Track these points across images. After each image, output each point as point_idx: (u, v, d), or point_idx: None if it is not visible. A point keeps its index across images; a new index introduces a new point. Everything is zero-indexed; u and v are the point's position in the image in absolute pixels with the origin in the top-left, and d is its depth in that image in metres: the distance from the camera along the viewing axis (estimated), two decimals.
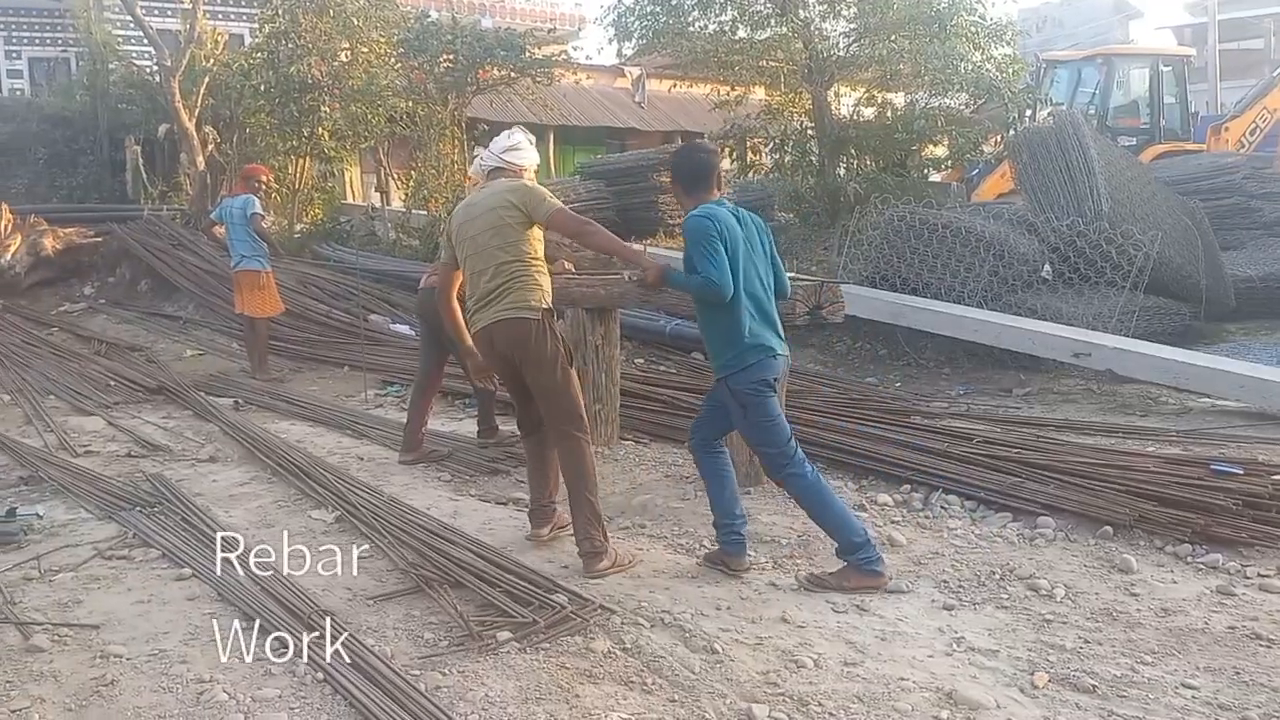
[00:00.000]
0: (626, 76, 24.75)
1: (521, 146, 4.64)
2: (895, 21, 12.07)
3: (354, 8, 14.86)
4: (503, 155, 4.60)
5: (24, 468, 6.01)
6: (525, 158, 4.63)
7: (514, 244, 4.42)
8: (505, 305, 4.39)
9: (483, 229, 4.44)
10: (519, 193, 4.44)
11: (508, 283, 4.40)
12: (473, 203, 4.55)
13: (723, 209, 4.22)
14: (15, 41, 23.50)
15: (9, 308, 12.66)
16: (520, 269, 4.41)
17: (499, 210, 4.42)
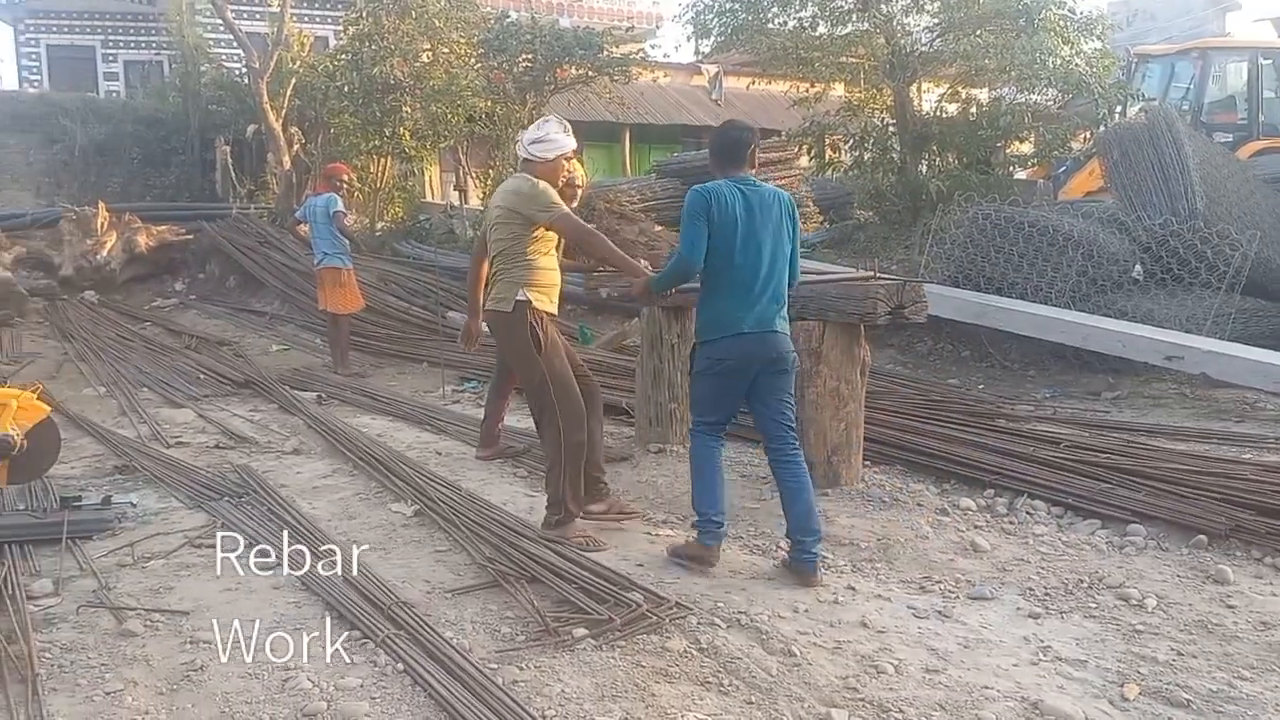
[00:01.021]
0: (703, 74, 24.67)
1: (549, 139, 4.71)
2: (981, 16, 11.84)
3: (436, 9, 15.07)
4: (529, 147, 4.73)
5: (119, 457, 6.19)
6: (553, 149, 4.72)
7: (506, 239, 4.68)
8: (491, 296, 4.75)
9: (490, 222, 4.81)
10: (520, 196, 4.63)
11: (496, 274, 4.73)
12: (506, 188, 4.77)
13: (726, 185, 4.23)
14: (112, 45, 24.30)
15: (105, 302, 13.11)
16: (507, 264, 4.68)
17: (502, 208, 4.71)
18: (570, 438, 4.61)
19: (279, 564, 4.24)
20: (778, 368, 4.24)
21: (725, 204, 4.17)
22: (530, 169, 4.72)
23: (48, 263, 13.66)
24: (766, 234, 4.20)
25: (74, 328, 11.41)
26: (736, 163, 4.32)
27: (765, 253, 4.20)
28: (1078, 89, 11.77)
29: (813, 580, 4.09)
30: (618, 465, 5.99)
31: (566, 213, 4.63)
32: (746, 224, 4.18)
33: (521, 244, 4.63)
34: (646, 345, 6.35)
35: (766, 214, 4.21)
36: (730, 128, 4.53)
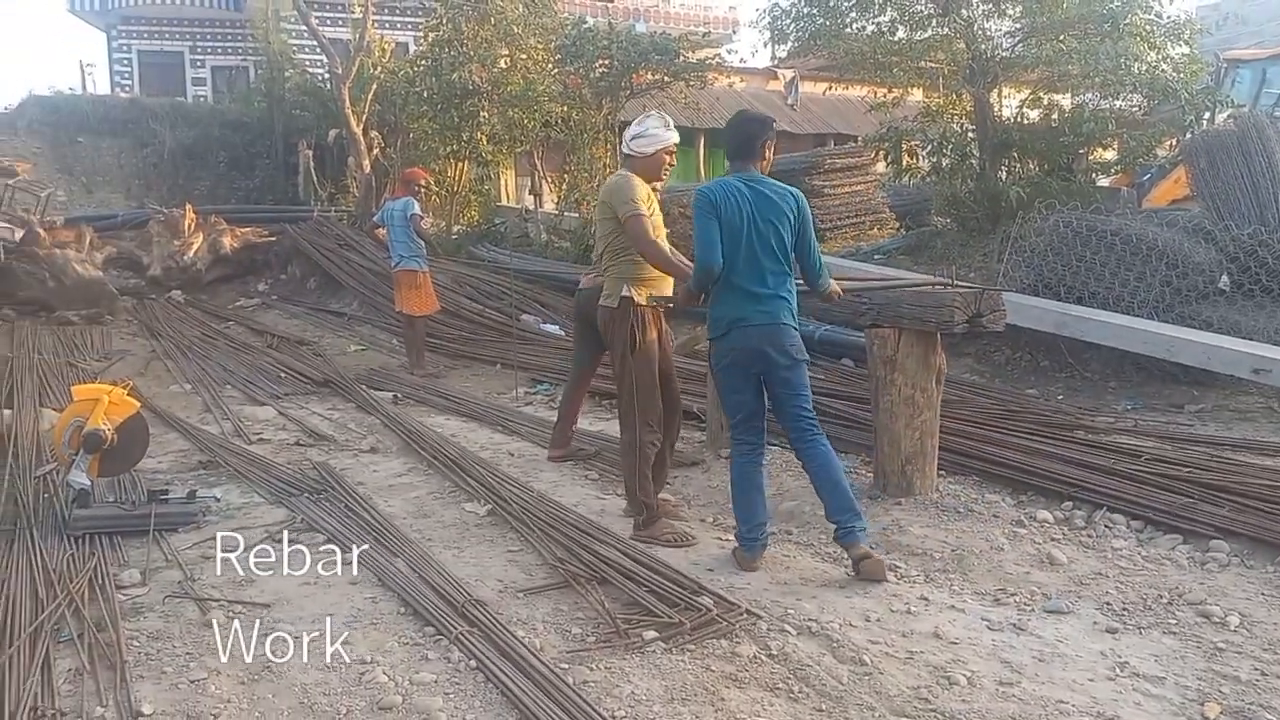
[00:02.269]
0: (779, 79, 24.61)
1: (648, 134, 4.74)
2: (1064, 21, 11.60)
3: (514, 15, 15.24)
4: (630, 143, 4.78)
5: (203, 453, 6.38)
6: (653, 144, 4.74)
7: (608, 235, 4.77)
8: (602, 294, 4.85)
9: (598, 216, 4.94)
10: (611, 191, 4.73)
11: (605, 270, 4.84)
12: (606, 184, 4.86)
13: (732, 182, 4.24)
14: (200, 51, 25.01)
15: (191, 302, 13.50)
16: (613, 260, 4.77)
17: (600, 204, 4.83)
18: (644, 438, 4.67)
19: (356, 559, 4.33)
20: (786, 360, 4.25)
21: (731, 202, 4.19)
22: (631, 165, 4.78)
23: (137, 263, 14.10)
24: (771, 231, 4.20)
25: (161, 326, 11.76)
26: (745, 156, 4.33)
27: (771, 250, 4.21)
28: (1164, 95, 11.47)
29: (862, 551, 4.12)
30: (689, 470, 6.01)
31: (637, 215, 4.63)
32: (752, 222, 4.18)
33: (621, 239, 4.71)
34: None
35: (772, 210, 4.21)
36: (742, 120, 4.51)
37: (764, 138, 4.37)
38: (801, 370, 4.33)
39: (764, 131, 4.41)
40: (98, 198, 18.08)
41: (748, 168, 4.31)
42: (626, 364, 4.70)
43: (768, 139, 4.38)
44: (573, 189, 15.05)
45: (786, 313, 4.27)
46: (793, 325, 4.30)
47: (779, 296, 4.25)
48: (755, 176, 4.29)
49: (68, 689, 3.19)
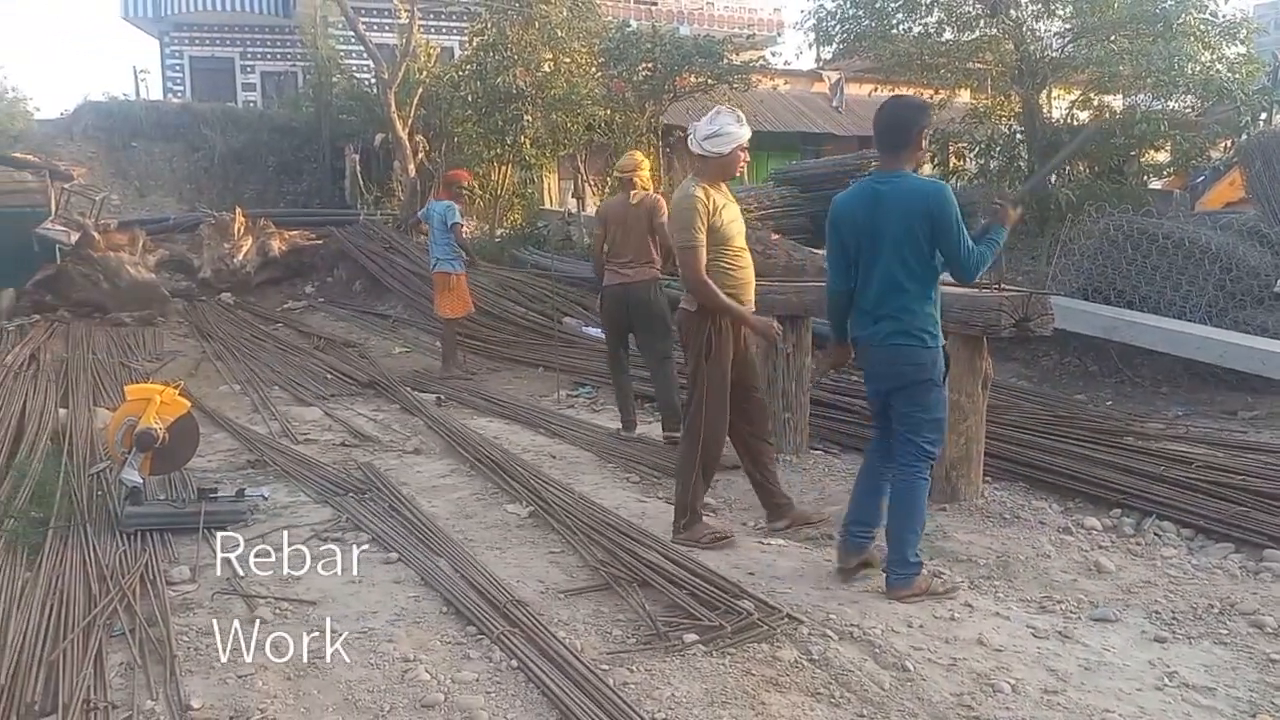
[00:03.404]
0: (824, 81, 24.49)
1: (723, 132, 4.53)
2: (1115, 21, 11.46)
3: (558, 19, 15.32)
4: (703, 144, 4.55)
5: (252, 452, 6.47)
6: (727, 143, 4.54)
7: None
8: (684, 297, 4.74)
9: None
10: (674, 214, 4.67)
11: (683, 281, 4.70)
12: (675, 195, 4.76)
13: (858, 190, 4.01)
14: (250, 57, 25.38)
15: (240, 304, 13.71)
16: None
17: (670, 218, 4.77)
18: (708, 448, 4.65)
19: (400, 559, 4.37)
20: (897, 383, 4.02)
21: (849, 216, 3.98)
22: (705, 166, 4.60)
23: (188, 265, 14.34)
24: (885, 243, 3.89)
25: (211, 328, 11.95)
26: (898, 147, 3.95)
27: (880, 263, 3.92)
28: (1218, 95, 11.28)
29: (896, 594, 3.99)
30: (731, 474, 5.99)
31: (689, 246, 4.49)
32: (869, 235, 3.92)
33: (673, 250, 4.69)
34: (761, 355, 6.32)
35: (891, 219, 3.87)
36: (894, 106, 4.12)
37: (920, 124, 3.96)
38: (908, 392, 4.00)
39: (921, 117, 4.01)
40: (150, 201, 18.42)
41: (896, 163, 3.96)
42: (700, 370, 4.63)
43: (924, 125, 3.99)
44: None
45: (899, 331, 3.95)
46: (906, 343, 3.95)
47: (891, 315, 3.95)
48: (890, 177, 3.95)
49: (119, 682, 3.25)
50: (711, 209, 4.53)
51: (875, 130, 4.07)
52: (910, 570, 3.99)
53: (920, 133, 3.95)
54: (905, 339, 3.94)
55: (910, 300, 3.92)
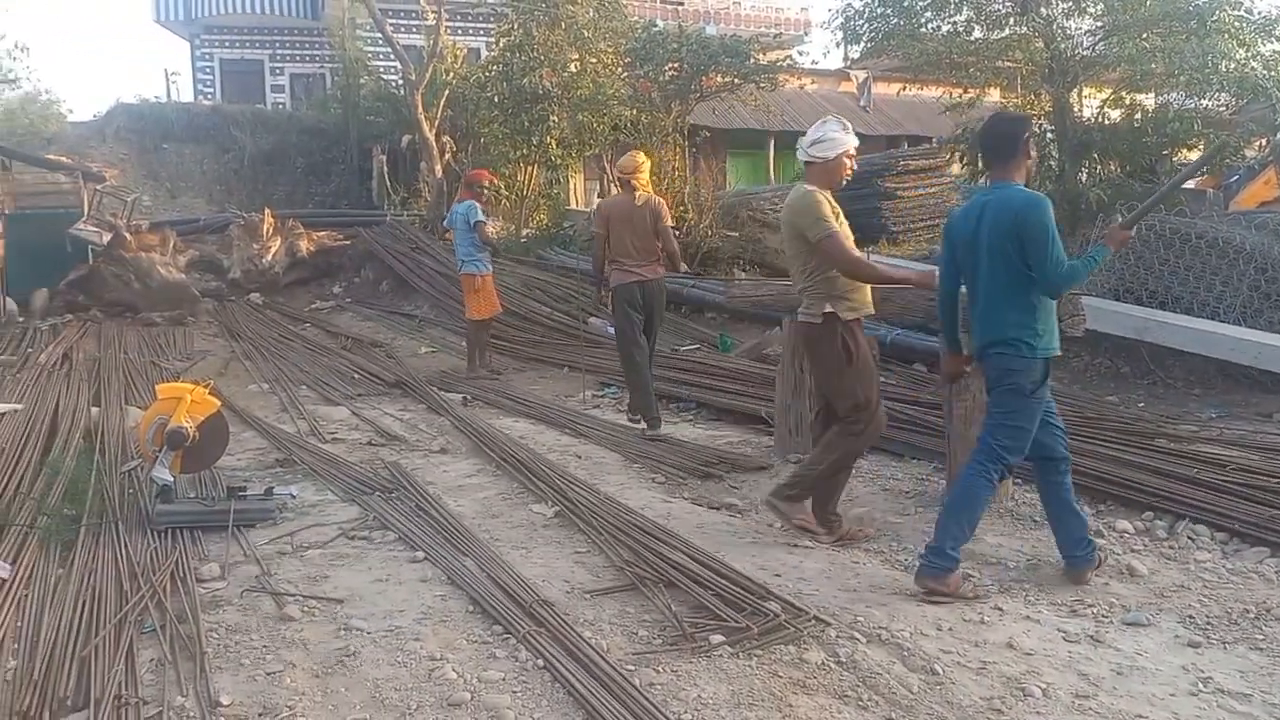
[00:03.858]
0: (851, 80, 24.40)
1: (828, 138, 4.62)
2: (1147, 18, 11.30)
3: (585, 20, 15.32)
4: (809, 149, 4.65)
5: (280, 451, 6.51)
6: (833, 148, 4.62)
7: (798, 256, 4.69)
8: (802, 307, 4.76)
9: (785, 235, 4.80)
10: (797, 211, 4.63)
11: (807, 287, 4.70)
12: (787, 203, 4.76)
13: (972, 202, 4.19)
14: (279, 59, 25.58)
15: (268, 304, 13.81)
16: (811, 280, 4.65)
17: (787, 225, 4.73)
18: (858, 447, 4.71)
19: (426, 558, 4.38)
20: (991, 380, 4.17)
21: (958, 228, 4.18)
22: (810, 172, 4.68)
23: (218, 266, 14.47)
24: (984, 253, 4.05)
25: (240, 327, 12.05)
26: (1006, 157, 4.13)
27: (981, 274, 4.09)
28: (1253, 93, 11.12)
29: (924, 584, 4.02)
30: (756, 474, 5.98)
31: (831, 235, 4.55)
32: (972, 247, 4.08)
33: (816, 259, 4.62)
34: (788, 355, 6.31)
35: (989, 230, 4.02)
36: (998, 120, 4.40)
37: (1024, 134, 4.17)
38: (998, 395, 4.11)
39: (1023, 128, 4.24)
40: (181, 202, 18.60)
41: (1004, 174, 4.11)
42: (844, 379, 4.64)
43: (1028, 135, 4.21)
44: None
45: (999, 340, 4.05)
46: (1002, 351, 4.04)
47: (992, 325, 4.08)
48: (996, 188, 4.11)
49: (150, 678, 3.27)
50: (832, 208, 4.64)
51: (981, 145, 4.38)
52: (945, 564, 4.01)
53: (1026, 142, 4.17)
54: (1002, 347, 4.06)
55: (1007, 310, 4.03)
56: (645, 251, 6.90)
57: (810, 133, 4.69)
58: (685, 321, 11.17)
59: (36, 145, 17.99)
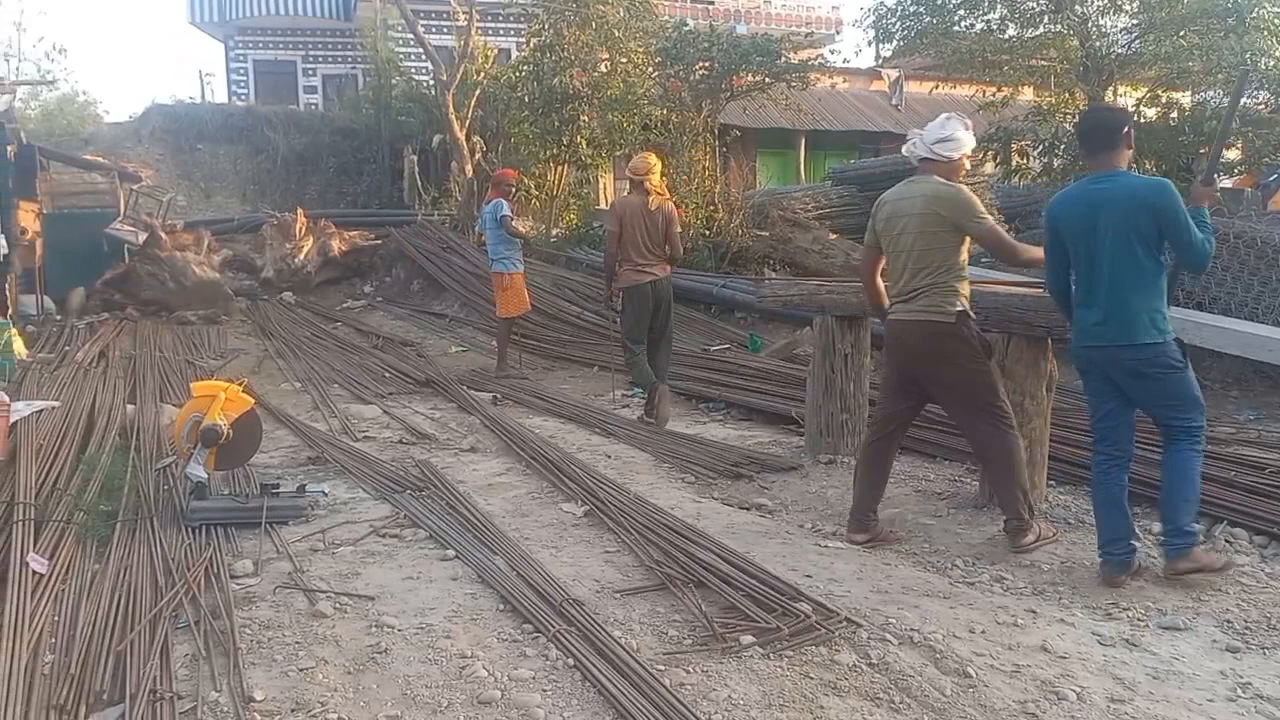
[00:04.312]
0: (883, 79, 24.25)
1: (954, 137, 4.60)
2: (1184, 16, 11.19)
3: (615, 19, 15.33)
4: (933, 147, 4.60)
5: (312, 449, 6.55)
6: (958, 148, 4.62)
7: (937, 250, 4.55)
8: (920, 306, 4.58)
9: (910, 229, 4.57)
10: (949, 204, 4.51)
11: (928, 286, 4.55)
12: (905, 196, 4.63)
13: (1074, 191, 4.18)
14: (311, 60, 25.76)
15: (301, 303, 13.92)
16: (938, 275, 4.55)
17: (928, 216, 4.53)
18: (1018, 440, 4.61)
19: (457, 556, 4.39)
20: (1137, 374, 4.14)
21: (1068, 218, 4.15)
22: (930, 169, 4.62)
23: (251, 265, 14.61)
24: (1109, 241, 4.02)
25: (273, 326, 12.16)
26: (1107, 148, 4.14)
27: (1105, 263, 4.05)
28: None
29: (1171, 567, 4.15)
30: (786, 475, 5.96)
31: (994, 225, 4.57)
32: (1092, 235, 4.05)
33: (954, 253, 4.56)
34: (819, 355, 6.28)
35: (1116, 217, 4.01)
36: (1097, 111, 4.45)
37: (1126, 124, 4.19)
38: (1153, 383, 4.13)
39: (1125, 118, 4.24)
40: (215, 202, 18.79)
41: (1111, 163, 4.12)
42: (987, 373, 4.60)
43: (1130, 125, 4.20)
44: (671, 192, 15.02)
45: (1132, 326, 4.06)
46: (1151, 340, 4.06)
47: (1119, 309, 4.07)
48: (1109, 176, 4.10)
49: (184, 673, 3.30)
50: None
51: (1082, 136, 4.32)
52: (1188, 539, 4.10)
53: (1128, 132, 4.16)
54: (1150, 335, 4.07)
55: (1141, 296, 4.05)
56: (659, 253, 7.31)
57: (933, 130, 4.62)
58: (715, 321, 11.16)
59: (74, 146, 18.22)
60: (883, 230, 4.71)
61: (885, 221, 4.69)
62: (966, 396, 4.62)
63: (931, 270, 4.54)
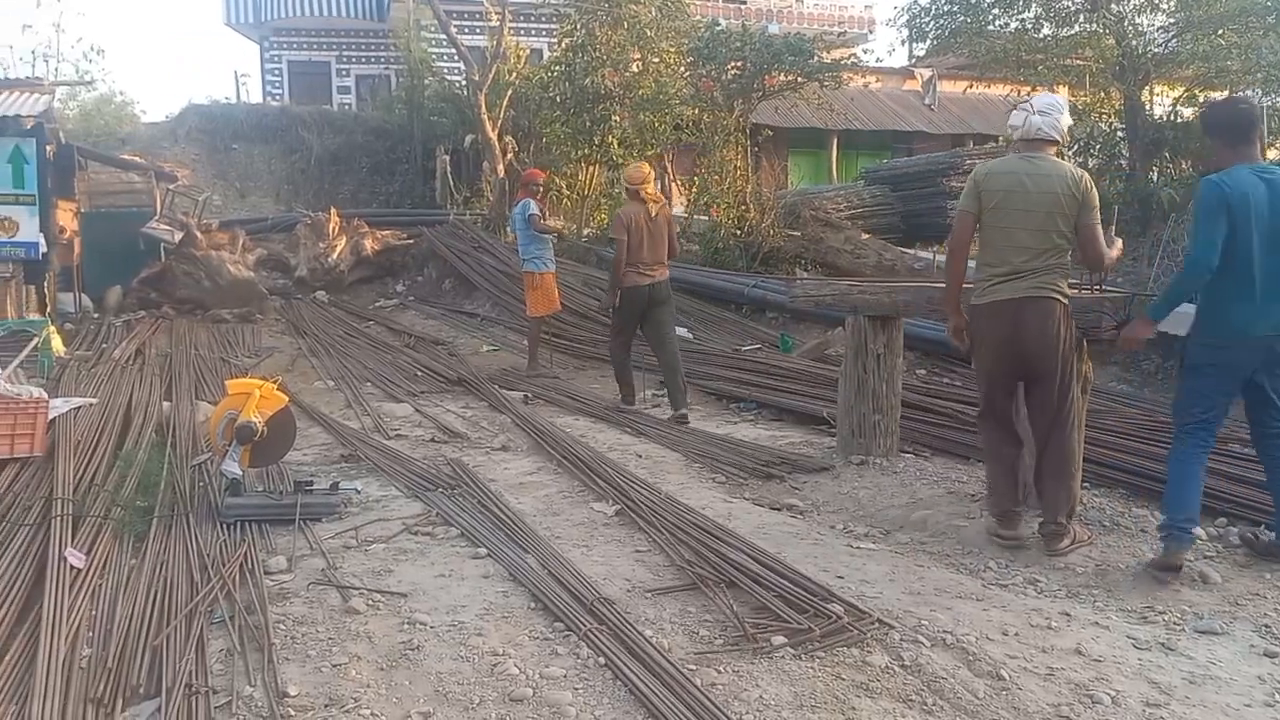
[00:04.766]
0: (916, 78, 24.11)
1: (1066, 112, 4.56)
2: (1223, 14, 11.05)
3: (647, 19, 15.33)
4: (1057, 123, 4.50)
5: (345, 447, 6.60)
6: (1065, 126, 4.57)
7: (1064, 232, 4.43)
8: (1038, 283, 4.43)
9: (1038, 205, 4.39)
10: (1086, 189, 4.42)
11: (1049, 264, 4.43)
12: (1033, 172, 4.43)
13: (1243, 173, 4.03)
14: (345, 60, 25.95)
15: (334, 302, 14.02)
16: (1060, 255, 4.46)
17: (1062, 195, 4.38)
18: (1079, 442, 4.60)
19: (488, 554, 4.41)
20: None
21: (1244, 202, 4.00)
22: (1049, 149, 4.52)
23: (285, 264, 14.72)
24: (1265, 232, 3.98)
25: (306, 325, 12.25)
26: (1242, 141, 4.09)
27: (1262, 253, 4.01)
28: None
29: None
30: (817, 475, 5.94)
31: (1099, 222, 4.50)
32: (1261, 219, 3.98)
33: (1069, 234, 4.48)
34: (851, 355, 6.25)
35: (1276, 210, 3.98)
36: (1234, 101, 4.39)
37: (1260, 123, 4.21)
38: None
39: (1256, 110, 4.24)
40: (250, 202, 18.96)
41: (1250, 154, 4.09)
42: (1070, 368, 4.55)
43: (1263, 124, 4.28)
44: (703, 191, 15.03)
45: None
46: None
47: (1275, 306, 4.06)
48: (1269, 168, 4.07)
49: (219, 668, 3.34)
50: None
51: (1222, 127, 4.20)
52: None
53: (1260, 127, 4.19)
54: None
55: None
56: (659, 256, 7.73)
57: (1049, 102, 4.54)
58: (746, 321, 11.14)
59: (111, 145, 18.45)
60: (999, 203, 4.45)
61: (1004, 194, 4.44)
62: (1054, 387, 4.52)
63: (1055, 252, 4.43)
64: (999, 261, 4.49)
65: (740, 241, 13.21)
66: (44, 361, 8.72)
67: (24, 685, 3.25)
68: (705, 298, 11.78)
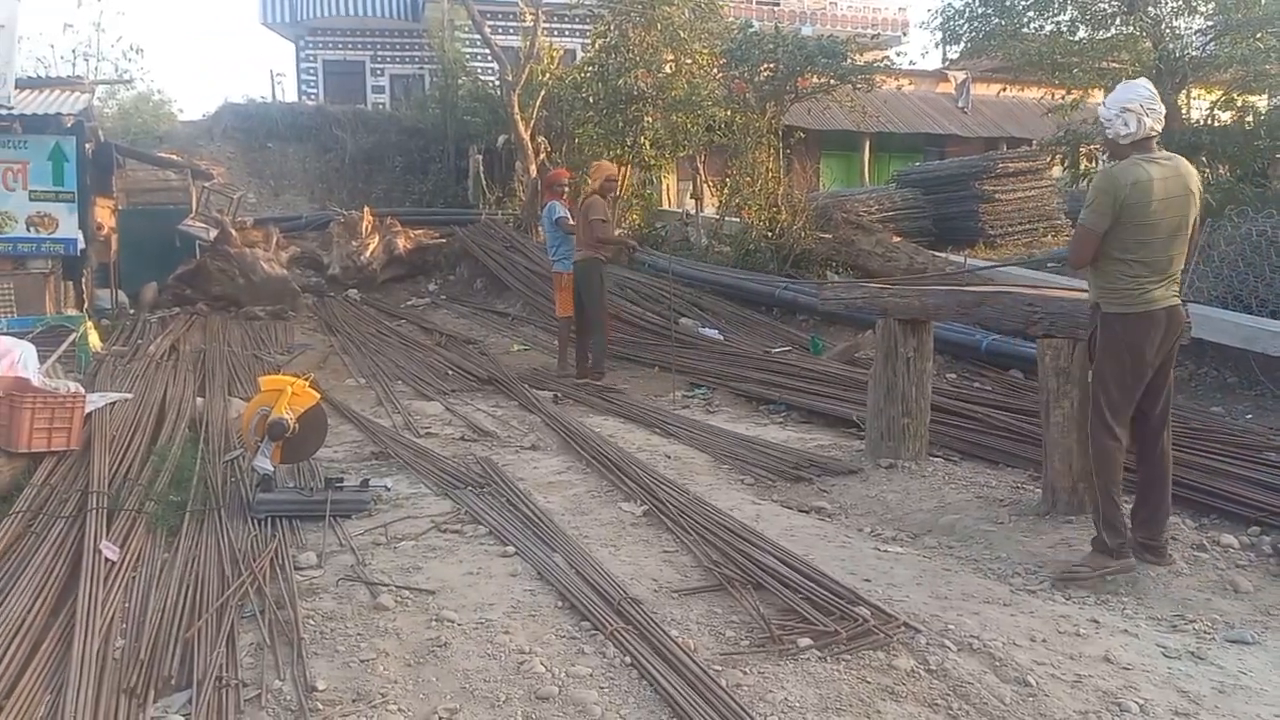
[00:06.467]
0: (950, 81, 23.97)
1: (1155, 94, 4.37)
2: (1262, 17, 10.91)
3: (680, 21, 15.33)
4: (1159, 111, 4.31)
5: (376, 444, 6.65)
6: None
7: (1190, 236, 4.35)
8: (1174, 292, 4.31)
9: (1181, 209, 4.23)
10: (1198, 183, 4.32)
11: (1179, 271, 4.33)
12: (1169, 175, 4.23)
13: None
14: (379, 60, 26.11)
15: (366, 300, 14.13)
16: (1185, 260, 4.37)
17: (1192, 198, 4.25)
18: (1095, 442, 4.38)
19: (516, 553, 4.44)
20: None
21: None
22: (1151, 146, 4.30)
23: (318, 262, 14.84)
24: None
25: (338, 323, 12.35)
26: None
27: None
28: None
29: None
30: (846, 478, 5.93)
31: None
32: None
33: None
34: (880, 358, 6.23)
35: None
36: None
37: None
38: None
39: None
40: (284, 200, 19.13)
41: None
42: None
43: None
44: (734, 193, 15.00)
45: None
46: None
47: None
48: None
49: (249, 661, 3.39)
50: None
51: None
52: None
53: None
54: None
55: None
56: None
57: (1152, 99, 4.28)
58: (776, 323, 11.11)
59: (149, 143, 18.67)
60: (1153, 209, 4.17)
61: (1154, 203, 4.16)
62: (1170, 391, 4.41)
63: (1185, 255, 4.33)
64: (1149, 269, 4.24)
65: (771, 243, 13.17)
66: (81, 357, 8.85)
67: (59, 676, 3.31)
68: (736, 299, 11.76)
